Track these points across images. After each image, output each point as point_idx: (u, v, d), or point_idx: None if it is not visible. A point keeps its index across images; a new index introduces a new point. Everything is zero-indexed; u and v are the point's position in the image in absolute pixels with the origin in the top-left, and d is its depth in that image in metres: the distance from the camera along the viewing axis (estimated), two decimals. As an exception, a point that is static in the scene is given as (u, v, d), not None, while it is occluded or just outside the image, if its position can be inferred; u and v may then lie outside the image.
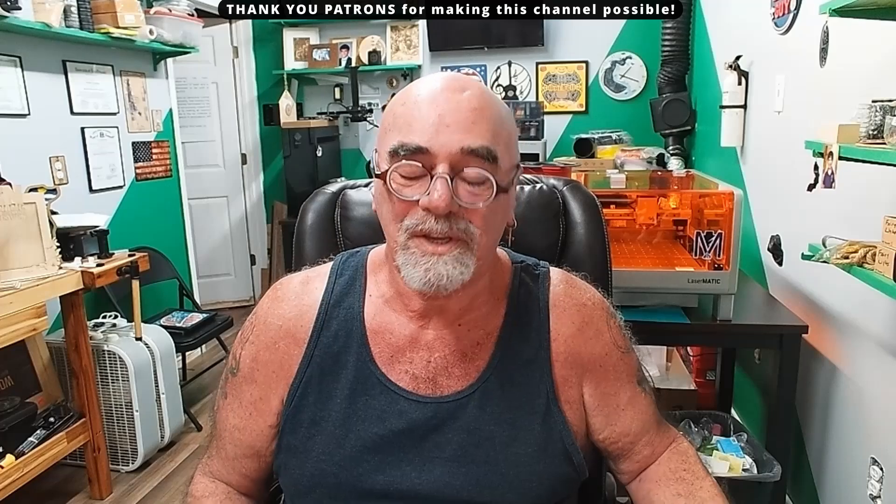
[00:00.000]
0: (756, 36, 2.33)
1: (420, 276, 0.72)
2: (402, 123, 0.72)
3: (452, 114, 0.71)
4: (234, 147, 4.44)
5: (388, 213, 0.75)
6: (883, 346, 1.49)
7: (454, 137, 0.70)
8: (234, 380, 0.88)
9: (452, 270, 0.72)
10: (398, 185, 0.72)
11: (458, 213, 0.72)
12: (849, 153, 1.24)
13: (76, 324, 2.21)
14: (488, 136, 0.72)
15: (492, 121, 0.73)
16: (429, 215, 0.71)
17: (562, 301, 0.86)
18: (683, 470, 0.87)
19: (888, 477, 1.47)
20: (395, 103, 0.76)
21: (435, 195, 0.69)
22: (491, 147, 0.71)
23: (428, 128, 0.70)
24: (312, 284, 0.88)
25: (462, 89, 0.73)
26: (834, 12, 1.27)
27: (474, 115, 0.72)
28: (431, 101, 0.72)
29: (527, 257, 0.92)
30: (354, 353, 0.82)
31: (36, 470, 2.03)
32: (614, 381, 0.86)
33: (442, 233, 0.71)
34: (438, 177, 0.70)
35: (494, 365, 0.82)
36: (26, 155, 2.49)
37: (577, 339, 0.85)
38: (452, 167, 0.70)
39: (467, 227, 0.72)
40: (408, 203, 0.72)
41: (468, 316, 0.83)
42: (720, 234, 1.66)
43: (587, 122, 4.02)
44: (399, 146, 0.71)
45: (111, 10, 2.67)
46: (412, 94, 0.74)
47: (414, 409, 0.80)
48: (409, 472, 0.78)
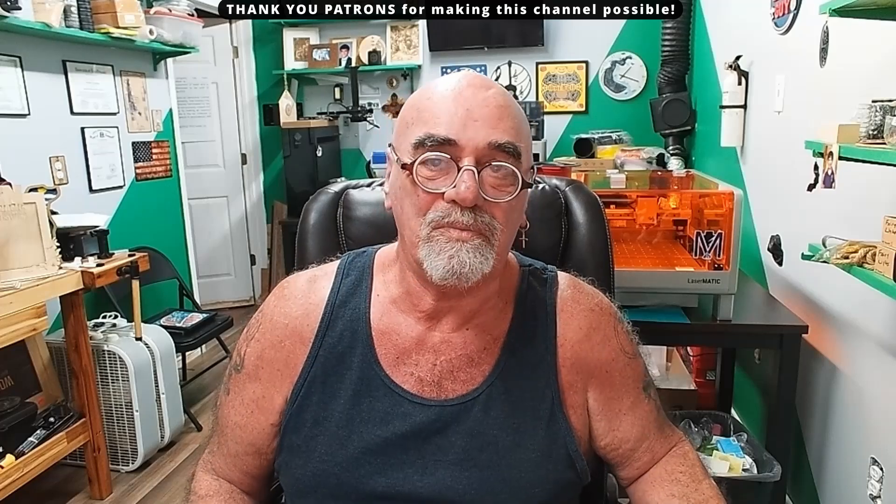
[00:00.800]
0: (756, 36, 2.33)
1: (443, 263, 0.72)
2: (428, 117, 0.73)
3: (480, 109, 0.72)
4: (234, 147, 4.44)
5: (412, 206, 0.74)
6: (883, 346, 1.50)
7: (481, 132, 0.71)
8: (237, 377, 0.87)
9: (475, 259, 0.72)
10: (424, 178, 0.72)
11: (483, 206, 0.72)
12: (849, 153, 1.24)
13: (76, 324, 2.21)
14: (513, 132, 0.73)
15: (516, 119, 0.75)
16: (454, 207, 0.71)
17: (569, 306, 0.86)
18: (680, 472, 0.86)
19: (888, 477, 1.47)
20: (419, 98, 0.76)
21: (462, 186, 0.70)
22: (516, 143, 0.73)
23: (456, 121, 0.71)
24: (319, 283, 0.87)
25: (487, 87, 0.74)
26: (834, 12, 1.27)
27: (500, 112, 0.73)
28: (458, 96, 0.73)
29: (534, 261, 0.91)
30: (359, 354, 0.82)
31: (36, 470, 2.03)
32: (620, 386, 0.86)
33: (466, 224, 0.72)
34: (465, 169, 0.70)
35: (500, 369, 0.82)
36: (26, 155, 2.49)
37: (584, 345, 0.84)
38: (478, 161, 0.71)
39: (491, 221, 0.73)
40: (432, 196, 0.72)
41: (476, 320, 0.83)
42: (720, 234, 1.66)
43: (587, 122, 4.02)
44: (426, 137, 0.71)
45: (111, 10, 2.67)
46: (437, 90, 0.75)
47: (418, 411, 0.79)
48: (412, 475, 0.78)
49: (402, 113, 0.79)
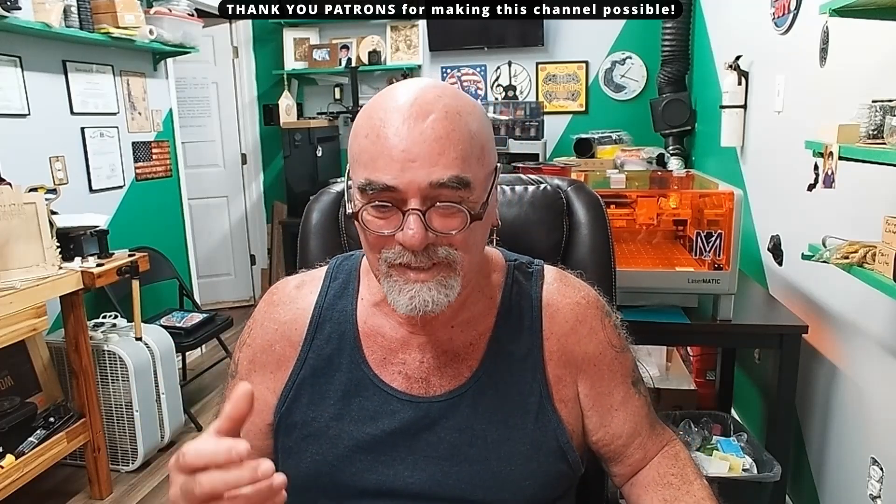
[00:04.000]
0: (756, 36, 2.33)
1: (405, 302, 0.72)
2: (366, 159, 0.70)
3: (417, 146, 0.67)
4: (234, 147, 4.44)
5: (366, 243, 0.75)
6: (883, 346, 1.50)
7: (420, 173, 0.67)
8: (231, 383, 0.89)
9: (437, 295, 0.72)
10: (371, 221, 0.71)
11: (437, 241, 0.71)
12: (849, 153, 1.24)
13: (76, 324, 2.21)
14: (457, 163, 0.68)
15: (460, 144, 0.69)
16: (406, 249, 0.70)
17: (555, 299, 0.86)
18: (672, 475, 0.86)
19: (888, 477, 1.47)
20: (359, 132, 0.72)
21: (409, 233, 0.68)
22: (461, 175, 0.68)
23: (394, 165, 0.67)
24: (307, 288, 0.89)
25: (425, 115, 0.68)
26: (834, 12, 1.28)
27: (439, 146, 0.68)
28: (394, 135, 0.68)
29: (521, 256, 0.91)
30: (347, 355, 0.83)
31: (36, 470, 2.03)
32: (609, 380, 0.86)
33: (421, 265, 0.71)
34: (410, 212, 0.68)
35: (486, 364, 0.82)
36: (26, 155, 2.49)
37: (571, 338, 0.84)
38: (423, 200, 0.68)
39: (448, 253, 0.72)
40: (384, 238, 0.71)
41: (460, 317, 0.83)
42: (720, 234, 1.66)
43: (587, 122, 4.02)
44: (367, 184, 0.69)
45: (111, 10, 2.67)
46: (374, 124, 0.70)
47: (407, 408, 0.80)
48: (402, 471, 0.79)
49: (350, 140, 0.74)
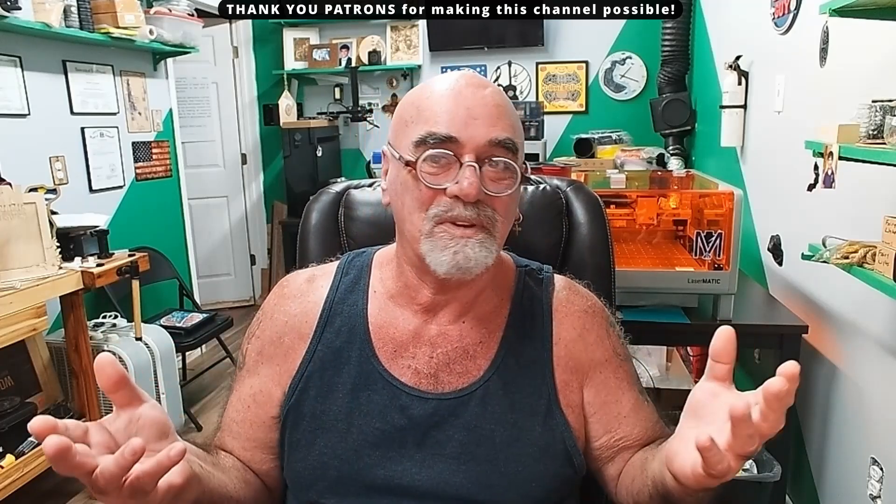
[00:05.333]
0: (756, 36, 2.33)
1: (447, 259, 0.75)
2: (428, 115, 0.75)
3: (478, 107, 0.75)
4: (234, 147, 4.43)
5: (413, 201, 0.76)
6: (883, 346, 1.50)
7: (481, 129, 0.74)
8: (239, 374, 0.89)
9: (479, 253, 0.75)
10: (426, 174, 0.75)
11: (484, 200, 0.75)
12: (849, 153, 1.24)
13: (76, 324, 2.21)
14: (511, 129, 0.76)
15: (511, 117, 0.78)
16: (457, 202, 0.74)
17: (564, 306, 0.87)
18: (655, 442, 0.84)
19: (888, 477, 1.47)
20: (418, 96, 0.79)
21: (465, 182, 0.72)
22: (514, 139, 0.76)
23: (457, 119, 0.74)
24: (318, 282, 0.89)
25: (484, 86, 0.77)
26: (834, 12, 1.28)
27: (498, 111, 0.76)
28: (457, 95, 0.76)
29: (531, 262, 0.92)
30: (357, 348, 0.83)
31: (36, 470, 2.03)
32: (615, 389, 0.86)
33: (469, 219, 0.74)
34: (467, 165, 0.73)
35: (497, 364, 0.83)
36: (26, 155, 2.49)
37: (578, 344, 0.86)
38: (478, 157, 0.74)
39: (492, 215, 0.76)
40: (434, 191, 0.75)
41: (472, 312, 0.84)
42: (720, 234, 1.66)
43: (587, 122, 4.02)
44: (428, 135, 0.74)
45: (111, 10, 2.67)
46: (436, 88, 0.77)
47: (415, 404, 0.80)
48: (410, 468, 0.79)
49: (400, 111, 0.80)
